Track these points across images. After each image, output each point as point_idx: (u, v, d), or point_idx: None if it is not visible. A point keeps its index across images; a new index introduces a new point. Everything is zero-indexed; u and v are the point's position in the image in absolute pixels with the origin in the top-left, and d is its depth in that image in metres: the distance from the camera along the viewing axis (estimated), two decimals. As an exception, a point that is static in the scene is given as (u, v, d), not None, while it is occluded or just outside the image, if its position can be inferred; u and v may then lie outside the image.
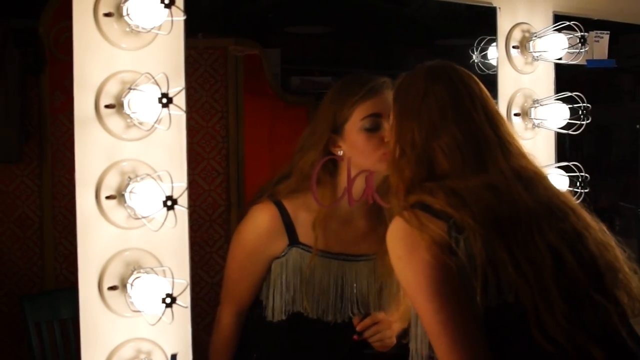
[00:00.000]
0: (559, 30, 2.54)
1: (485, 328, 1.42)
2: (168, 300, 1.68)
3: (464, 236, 1.42)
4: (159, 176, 1.75)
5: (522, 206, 1.47)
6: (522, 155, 1.61)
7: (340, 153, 1.99)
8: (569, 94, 2.55)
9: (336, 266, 2.04)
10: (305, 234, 2.01)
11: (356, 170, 1.94)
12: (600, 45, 2.71)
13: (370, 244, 2.06)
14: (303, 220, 2.01)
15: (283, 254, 2.02)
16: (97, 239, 1.78)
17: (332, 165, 2.00)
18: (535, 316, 1.38)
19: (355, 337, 1.98)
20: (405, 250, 1.48)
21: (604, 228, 1.57)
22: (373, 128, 1.94)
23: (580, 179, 2.47)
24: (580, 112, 2.49)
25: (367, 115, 1.94)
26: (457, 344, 1.41)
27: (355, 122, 1.96)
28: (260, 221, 2.01)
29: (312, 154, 1.99)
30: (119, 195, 1.78)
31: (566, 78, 2.77)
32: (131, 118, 1.76)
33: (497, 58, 2.60)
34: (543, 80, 2.66)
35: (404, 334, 1.88)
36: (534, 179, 1.56)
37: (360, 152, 1.95)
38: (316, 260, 2.00)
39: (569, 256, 1.44)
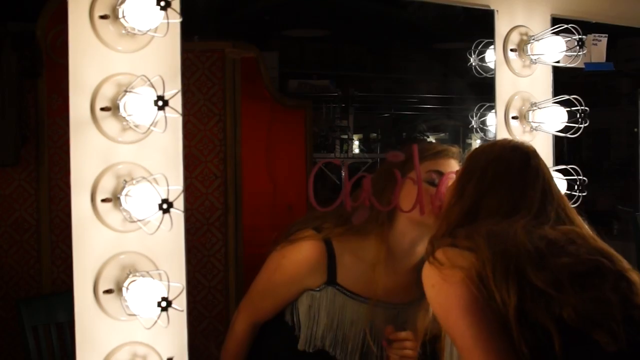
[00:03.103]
0: (556, 33, 2.54)
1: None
2: (164, 303, 1.67)
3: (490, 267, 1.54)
4: (154, 179, 1.74)
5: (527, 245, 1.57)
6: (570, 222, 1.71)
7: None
8: (567, 97, 2.54)
9: (368, 311, 2.06)
10: (344, 276, 2.05)
11: (404, 220, 2.02)
12: (598, 49, 2.70)
13: (405, 295, 2.09)
14: (346, 263, 2.04)
15: (318, 289, 2.06)
16: (92, 242, 1.77)
17: (386, 217, 2.04)
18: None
19: (384, 342, 2.02)
20: (438, 279, 1.60)
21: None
22: (433, 182, 2.01)
23: (578, 183, 2.47)
24: (578, 115, 2.48)
25: (432, 170, 2.03)
26: (488, 357, 1.51)
27: (419, 173, 2.01)
28: (306, 255, 2.04)
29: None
30: (114, 199, 1.77)
31: (564, 81, 2.77)
32: (127, 121, 1.75)
33: (495, 61, 2.60)
34: (541, 83, 2.65)
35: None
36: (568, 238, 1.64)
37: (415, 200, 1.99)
38: (352, 305, 2.06)
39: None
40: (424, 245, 1.90)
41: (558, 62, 2.58)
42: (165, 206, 1.67)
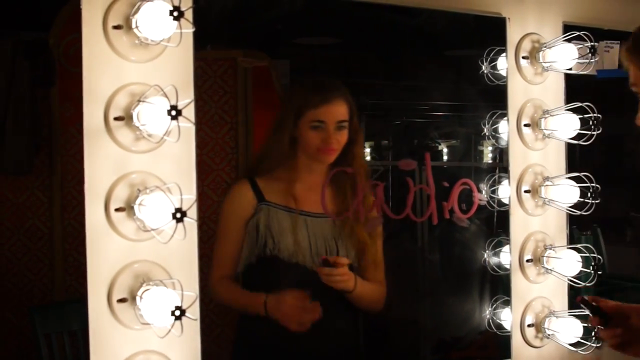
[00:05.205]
0: (568, 41, 2.53)
1: None
2: (177, 312, 1.67)
3: None
4: (168, 188, 1.75)
5: None
6: None
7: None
8: (579, 104, 2.53)
9: (302, 220, 2.39)
10: (270, 195, 2.41)
11: (304, 156, 2.42)
12: (610, 55, 2.69)
13: (328, 205, 2.31)
14: (268, 186, 2.41)
15: (255, 212, 2.39)
16: (106, 251, 1.78)
17: (290, 147, 2.41)
18: None
19: (320, 261, 2.29)
20: None
21: None
22: (316, 128, 2.37)
23: (591, 190, 2.46)
24: (590, 123, 2.47)
25: (315, 120, 2.38)
26: None
27: (305, 122, 2.39)
28: (234, 191, 2.47)
29: (283, 140, 2.42)
30: (128, 208, 1.77)
31: (576, 88, 2.76)
32: (140, 130, 1.76)
33: (507, 69, 2.59)
34: (553, 90, 2.64)
35: None
36: None
37: (305, 143, 2.40)
38: (283, 216, 2.39)
39: None
40: (322, 167, 2.42)
41: (570, 69, 2.57)
42: (179, 215, 1.68)
